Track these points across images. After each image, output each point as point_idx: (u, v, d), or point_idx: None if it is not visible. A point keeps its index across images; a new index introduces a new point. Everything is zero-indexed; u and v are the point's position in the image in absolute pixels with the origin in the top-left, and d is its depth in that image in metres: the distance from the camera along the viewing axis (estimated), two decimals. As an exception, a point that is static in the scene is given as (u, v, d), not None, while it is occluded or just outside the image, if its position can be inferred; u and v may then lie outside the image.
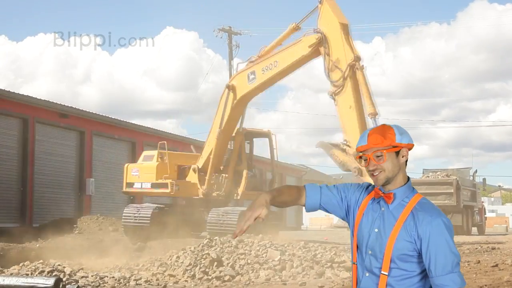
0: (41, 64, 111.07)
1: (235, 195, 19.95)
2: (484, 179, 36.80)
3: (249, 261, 13.57)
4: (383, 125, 2.95)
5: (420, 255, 2.82)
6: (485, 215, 36.91)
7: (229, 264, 13.46)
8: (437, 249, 2.76)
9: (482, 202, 37.42)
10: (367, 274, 2.91)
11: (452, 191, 29.77)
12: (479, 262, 12.57)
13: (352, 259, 3.00)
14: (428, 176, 31.88)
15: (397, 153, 2.89)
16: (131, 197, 27.07)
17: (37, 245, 16.73)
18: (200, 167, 19.61)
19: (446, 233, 2.80)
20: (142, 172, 19.78)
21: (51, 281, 5.29)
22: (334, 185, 3.14)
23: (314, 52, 16.94)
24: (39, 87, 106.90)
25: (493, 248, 16.75)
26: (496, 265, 11.30)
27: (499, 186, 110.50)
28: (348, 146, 15.74)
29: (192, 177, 19.78)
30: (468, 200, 31.82)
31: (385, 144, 2.87)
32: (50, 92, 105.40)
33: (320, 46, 16.61)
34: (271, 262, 13.47)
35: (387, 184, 2.90)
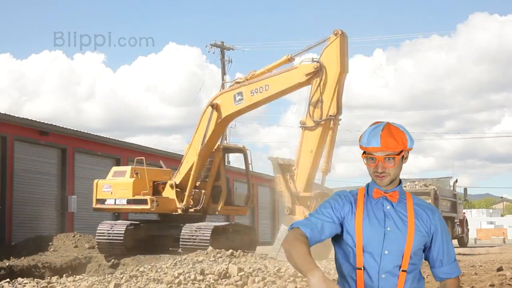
0: (45, 82, 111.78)
1: (214, 210, 19.90)
2: (465, 189, 35.65)
3: (212, 278, 13.47)
4: (393, 126, 2.90)
5: (424, 247, 2.93)
6: (467, 227, 35.84)
7: (193, 283, 13.35)
8: (447, 240, 2.94)
9: (464, 213, 36.40)
10: (383, 276, 2.84)
11: (430, 201, 29.02)
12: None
13: (357, 265, 2.87)
14: (406, 186, 30.65)
15: (402, 156, 2.90)
16: (116, 214, 26.99)
17: (7, 264, 16.63)
18: (177, 183, 19.42)
19: (446, 225, 3.02)
20: (116, 188, 19.23)
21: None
22: (321, 208, 2.99)
23: (308, 81, 16.85)
24: (43, 105, 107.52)
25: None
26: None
27: (502, 197, 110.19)
28: (293, 179, 16.49)
29: (169, 193, 19.53)
30: (447, 211, 30.61)
31: (398, 149, 2.85)
32: (54, 110, 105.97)
33: (316, 76, 16.53)
34: (233, 277, 13.36)
35: (388, 184, 2.91)
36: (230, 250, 16.36)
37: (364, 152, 2.91)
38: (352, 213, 2.92)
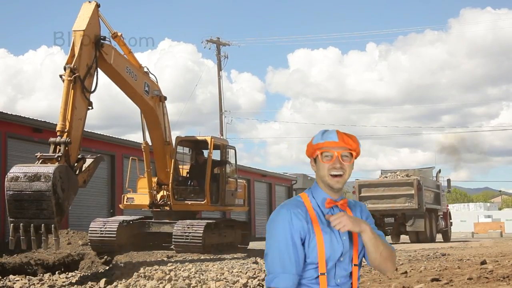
0: (41, 78, 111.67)
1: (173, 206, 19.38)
2: (448, 180, 33.63)
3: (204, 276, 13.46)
4: (340, 131, 2.91)
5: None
6: (451, 220, 33.95)
7: (184, 279, 13.33)
8: (375, 228, 2.94)
9: (447, 205, 34.57)
10: (338, 281, 2.86)
11: (412, 192, 27.33)
12: (396, 270, 12.06)
13: (320, 270, 2.85)
14: (386, 177, 29.82)
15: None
16: (111, 211, 27.04)
17: (-1, 261, 16.58)
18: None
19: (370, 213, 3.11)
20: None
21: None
22: (289, 244, 2.86)
23: None
24: (39, 102, 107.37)
25: (444, 255, 16.17)
26: (405, 272, 10.93)
27: (500, 191, 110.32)
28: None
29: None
30: (431, 203, 29.24)
31: (353, 146, 2.85)
32: (50, 106, 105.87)
33: None
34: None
35: (339, 190, 2.89)
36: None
37: (315, 158, 2.90)
38: (310, 232, 2.86)
